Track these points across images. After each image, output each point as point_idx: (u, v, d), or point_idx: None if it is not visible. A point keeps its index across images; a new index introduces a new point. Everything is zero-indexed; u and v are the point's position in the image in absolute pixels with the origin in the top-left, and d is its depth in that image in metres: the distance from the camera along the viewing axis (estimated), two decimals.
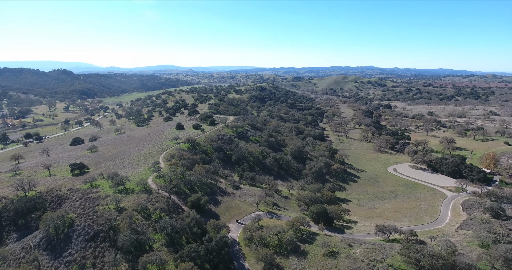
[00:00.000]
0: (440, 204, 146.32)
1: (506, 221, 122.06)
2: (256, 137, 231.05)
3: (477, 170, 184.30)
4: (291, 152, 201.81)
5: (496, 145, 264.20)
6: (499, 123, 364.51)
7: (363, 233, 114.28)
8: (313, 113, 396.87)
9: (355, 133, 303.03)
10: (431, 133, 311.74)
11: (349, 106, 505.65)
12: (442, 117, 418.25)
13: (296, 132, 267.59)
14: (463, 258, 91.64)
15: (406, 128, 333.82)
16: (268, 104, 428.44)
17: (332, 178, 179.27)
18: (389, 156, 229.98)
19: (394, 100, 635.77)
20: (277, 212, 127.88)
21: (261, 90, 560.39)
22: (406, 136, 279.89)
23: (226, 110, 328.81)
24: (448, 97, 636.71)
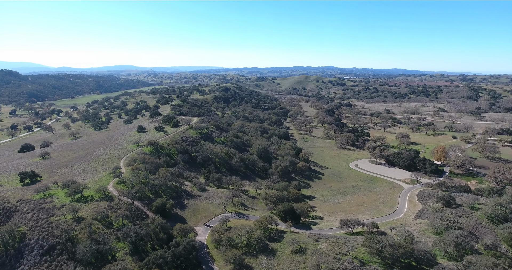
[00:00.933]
0: (398, 196, 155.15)
1: (456, 209, 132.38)
2: (221, 138, 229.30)
3: (430, 162, 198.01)
4: (257, 152, 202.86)
5: (445, 139, 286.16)
6: (447, 118, 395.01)
7: (329, 228, 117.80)
8: (277, 112, 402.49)
9: (318, 131, 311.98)
10: (388, 130, 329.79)
11: (311, 105, 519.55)
12: (397, 114, 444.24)
13: (261, 131, 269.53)
14: (420, 245, 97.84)
15: (365, 125, 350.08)
16: (233, 105, 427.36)
17: (298, 176, 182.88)
18: (351, 153, 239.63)
19: (354, 99, 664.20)
20: (245, 213, 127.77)
21: (225, 91, 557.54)
22: (365, 133, 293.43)
23: (190, 111, 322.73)
24: (402, 95, 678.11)
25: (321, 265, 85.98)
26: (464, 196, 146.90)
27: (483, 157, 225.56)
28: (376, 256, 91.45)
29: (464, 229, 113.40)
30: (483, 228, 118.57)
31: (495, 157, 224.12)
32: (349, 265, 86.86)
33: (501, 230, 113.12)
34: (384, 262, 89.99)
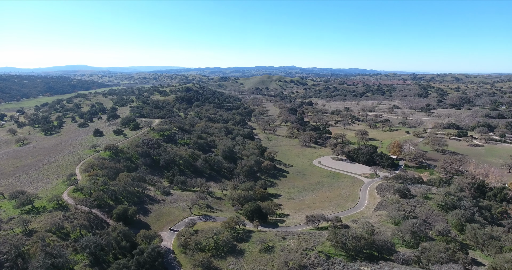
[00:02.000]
0: (359, 190, 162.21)
1: (411, 199, 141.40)
2: (184, 139, 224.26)
3: (387, 157, 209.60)
4: (221, 153, 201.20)
5: (400, 134, 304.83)
6: (401, 115, 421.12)
7: (295, 225, 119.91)
8: (241, 112, 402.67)
9: (282, 130, 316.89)
10: (348, 127, 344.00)
11: (275, 104, 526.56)
12: (356, 112, 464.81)
13: (225, 132, 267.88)
14: (380, 236, 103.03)
15: (326, 123, 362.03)
16: (196, 105, 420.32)
17: (263, 175, 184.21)
18: (314, 150, 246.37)
19: (315, 98, 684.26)
20: (212, 214, 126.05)
21: (187, 91, 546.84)
22: (327, 130, 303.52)
23: (151, 113, 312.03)
24: (360, 93, 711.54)
25: (289, 261, 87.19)
26: (418, 187, 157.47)
27: (433, 150, 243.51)
28: (340, 249, 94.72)
29: (419, 218, 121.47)
30: (435, 215, 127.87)
31: (444, 150, 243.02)
32: (315, 260, 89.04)
33: (450, 217, 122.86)
34: (348, 254, 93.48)
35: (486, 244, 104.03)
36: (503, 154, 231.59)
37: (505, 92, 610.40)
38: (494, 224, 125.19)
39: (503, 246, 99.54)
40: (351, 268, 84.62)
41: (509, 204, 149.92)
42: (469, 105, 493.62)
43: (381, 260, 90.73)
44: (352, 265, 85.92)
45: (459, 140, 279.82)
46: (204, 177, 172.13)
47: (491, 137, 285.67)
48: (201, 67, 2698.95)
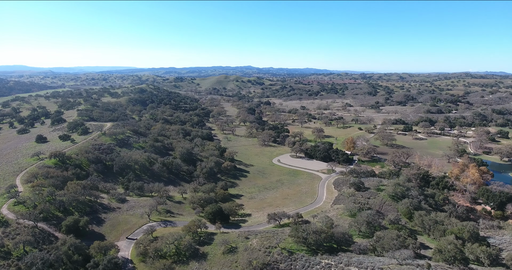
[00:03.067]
0: (317, 186, 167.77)
1: (365, 192, 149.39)
2: (140, 143, 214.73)
3: (342, 153, 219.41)
4: (180, 155, 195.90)
5: (353, 131, 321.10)
6: (353, 112, 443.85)
7: (258, 224, 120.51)
8: (199, 113, 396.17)
9: (241, 130, 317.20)
10: (305, 125, 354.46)
11: (233, 104, 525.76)
12: (311, 110, 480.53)
13: (183, 134, 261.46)
14: (339, 228, 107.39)
15: (284, 122, 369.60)
16: (151, 107, 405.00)
17: (224, 176, 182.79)
18: (273, 149, 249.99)
19: (272, 97, 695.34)
20: (172, 219, 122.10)
21: (141, 92, 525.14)
22: (285, 129, 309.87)
23: (101, 116, 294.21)
24: (315, 92, 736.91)
25: (252, 261, 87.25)
26: (371, 180, 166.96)
27: (383, 145, 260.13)
28: (302, 244, 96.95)
29: (373, 209, 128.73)
30: (387, 206, 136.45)
31: (392, 144, 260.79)
32: (279, 257, 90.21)
33: (400, 206, 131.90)
34: (309, 249, 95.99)
35: (432, 228, 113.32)
36: (443, 146, 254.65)
37: (443, 89, 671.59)
38: (437, 210, 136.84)
39: (446, 230, 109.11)
40: (312, 261, 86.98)
41: (449, 191, 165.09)
42: (412, 102, 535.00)
43: (340, 252, 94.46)
44: (314, 258, 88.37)
45: (405, 135, 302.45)
46: (162, 181, 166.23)
47: (432, 131, 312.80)
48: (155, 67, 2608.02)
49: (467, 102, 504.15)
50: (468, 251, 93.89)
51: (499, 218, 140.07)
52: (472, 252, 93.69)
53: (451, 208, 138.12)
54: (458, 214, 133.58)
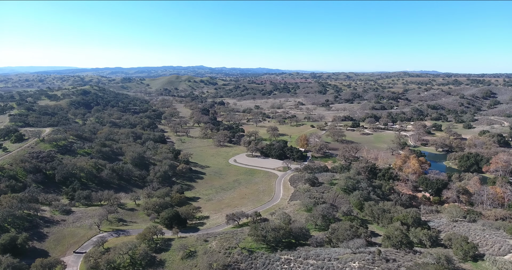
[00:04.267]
0: (274, 184, 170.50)
1: (320, 187, 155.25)
2: (85, 149, 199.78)
3: (296, 150, 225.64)
4: (131, 160, 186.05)
5: (306, 128, 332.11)
6: (306, 111, 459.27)
7: (216, 226, 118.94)
8: (150, 115, 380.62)
9: (195, 131, 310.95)
10: (259, 124, 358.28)
11: (185, 105, 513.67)
12: (265, 109, 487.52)
13: (134, 137, 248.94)
14: (296, 224, 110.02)
15: (239, 122, 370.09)
16: (96, 110, 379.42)
17: (179, 179, 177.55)
18: (229, 149, 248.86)
19: (226, 97, 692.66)
20: (125, 228, 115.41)
21: (84, 94, 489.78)
22: (240, 129, 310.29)
23: (39, 121, 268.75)
24: (268, 92, 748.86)
25: (212, 263, 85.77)
26: (324, 175, 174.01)
27: (334, 141, 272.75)
28: (262, 242, 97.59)
29: (327, 203, 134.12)
30: (340, 198, 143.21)
31: (342, 140, 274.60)
32: (239, 257, 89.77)
33: (352, 198, 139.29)
34: (269, 246, 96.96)
35: (380, 217, 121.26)
36: (387, 140, 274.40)
37: (385, 87, 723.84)
38: (385, 200, 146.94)
39: (393, 217, 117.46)
40: (272, 258, 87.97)
41: (394, 181, 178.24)
42: (359, 99, 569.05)
43: (299, 246, 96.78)
44: (273, 256, 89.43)
45: (354, 130, 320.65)
46: (112, 188, 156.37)
47: (377, 126, 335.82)
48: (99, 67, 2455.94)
49: (406, 99, 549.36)
50: (412, 235, 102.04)
51: (436, 203, 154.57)
52: (415, 236, 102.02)
53: (396, 197, 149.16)
54: (402, 202, 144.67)
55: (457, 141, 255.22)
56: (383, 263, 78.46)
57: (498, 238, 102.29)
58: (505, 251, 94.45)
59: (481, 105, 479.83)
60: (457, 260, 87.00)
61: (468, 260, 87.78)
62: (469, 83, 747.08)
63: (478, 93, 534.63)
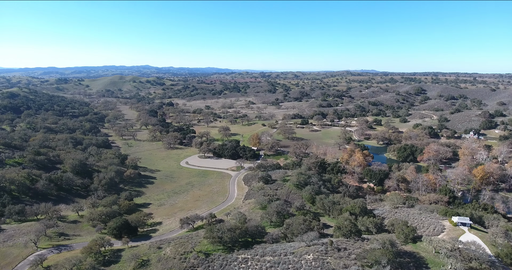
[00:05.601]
0: (228, 184, 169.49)
1: (273, 184, 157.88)
2: (15, 158, 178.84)
3: (249, 149, 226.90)
4: (71, 168, 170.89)
5: (257, 127, 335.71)
6: (256, 110, 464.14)
7: (170, 231, 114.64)
8: (91, 119, 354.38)
9: (143, 134, 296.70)
10: (211, 125, 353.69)
11: (131, 107, 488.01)
12: (216, 109, 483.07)
13: (73, 143, 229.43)
14: (252, 222, 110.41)
15: (190, 123, 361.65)
16: (27, 114, 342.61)
17: (128, 186, 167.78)
18: (180, 151, 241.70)
19: (175, 98, 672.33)
20: (67, 243, 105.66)
21: (12, 97, 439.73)
22: (191, 130, 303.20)
23: None
24: (219, 92, 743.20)
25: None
26: (277, 172, 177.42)
27: (285, 138, 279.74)
28: (218, 244, 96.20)
29: (281, 199, 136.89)
30: (293, 194, 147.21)
31: (293, 137, 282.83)
32: (195, 261, 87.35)
33: (304, 193, 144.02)
34: (226, 247, 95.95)
35: (331, 209, 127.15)
36: (334, 136, 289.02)
37: (330, 86, 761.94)
38: (334, 192, 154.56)
39: (342, 208, 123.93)
40: (229, 259, 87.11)
41: (342, 174, 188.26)
42: (307, 97, 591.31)
43: (255, 244, 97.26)
44: (231, 256, 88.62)
45: (303, 128, 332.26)
46: (50, 200, 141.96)
47: (325, 123, 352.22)
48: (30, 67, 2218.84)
49: (350, 96, 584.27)
50: (360, 224, 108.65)
51: (380, 192, 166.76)
52: (363, 224, 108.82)
53: (344, 189, 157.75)
54: (350, 193, 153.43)
55: (395, 134, 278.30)
56: (335, 253, 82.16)
57: (433, 220, 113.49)
58: (438, 231, 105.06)
59: (414, 101, 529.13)
60: (400, 243, 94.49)
61: (408, 242, 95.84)
62: (403, 81, 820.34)
63: (411, 90, 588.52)
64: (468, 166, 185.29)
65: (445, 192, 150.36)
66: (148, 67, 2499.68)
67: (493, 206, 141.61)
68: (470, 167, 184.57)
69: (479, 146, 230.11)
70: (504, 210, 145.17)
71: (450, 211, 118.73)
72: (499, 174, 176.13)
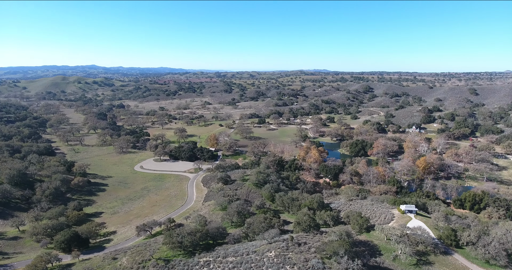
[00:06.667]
0: (187, 187, 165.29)
1: (233, 184, 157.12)
2: None
3: (206, 150, 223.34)
4: (8, 179, 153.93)
5: (214, 128, 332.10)
6: (213, 110, 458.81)
7: (126, 240, 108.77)
8: (31, 124, 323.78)
9: (91, 139, 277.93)
10: (166, 126, 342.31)
11: (77, 110, 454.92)
12: (171, 110, 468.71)
13: (10, 151, 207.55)
14: (213, 224, 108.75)
15: (143, 125, 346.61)
16: None
17: (76, 195, 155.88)
18: (133, 155, 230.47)
19: (126, 99, 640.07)
20: (7, 262, 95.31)
21: None
22: (145, 132, 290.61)
23: None
24: (173, 92, 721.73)
25: None
26: (236, 172, 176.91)
27: (243, 138, 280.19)
28: (178, 249, 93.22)
29: (241, 199, 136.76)
30: (253, 193, 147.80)
31: (251, 136, 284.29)
32: (154, 269, 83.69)
33: (263, 191, 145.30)
34: (186, 251, 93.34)
35: (290, 206, 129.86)
36: (291, 134, 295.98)
37: (285, 85, 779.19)
38: (293, 189, 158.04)
39: (301, 204, 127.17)
40: (191, 263, 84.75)
41: (299, 171, 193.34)
42: (263, 97, 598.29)
43: (217, 246, 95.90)
44: (192, 260, 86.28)
45: (260, 127, 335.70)
46: None
47: (281, 121, 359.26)
48: None
49: (304, 95, 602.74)
50: (318, 218, 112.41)
51: (335, 187, 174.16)
52: (321, 218, 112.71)
53: (302, 185, 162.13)
54: (308, 189, 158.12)
55: (347, 131, 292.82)
56: (296, 248, 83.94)
57: (383, 209, 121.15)
58: (389, 219, 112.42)
59: (363, 99, 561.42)
60: (355, 233, 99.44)
61: (363, 231, 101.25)
62: (352, 80, 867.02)
63: (360, 89, 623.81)
64: (412, 158, 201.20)
65: (393, 183, 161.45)
66: (95, 67, 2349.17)
67: (435, 193, 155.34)
68: (413, 158, 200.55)
69: (421, 139, 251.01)
70: (444, 196, 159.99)
71: (398, 200, 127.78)
72: (439, 164, 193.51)
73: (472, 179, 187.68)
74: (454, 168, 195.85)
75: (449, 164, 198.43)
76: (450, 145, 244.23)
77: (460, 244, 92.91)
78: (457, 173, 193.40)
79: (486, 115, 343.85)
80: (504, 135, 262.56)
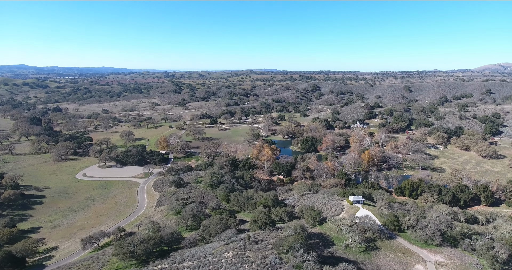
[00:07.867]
0: (136, 193, 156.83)
1: (186, 187, 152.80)
2: None
3: (157, 153, 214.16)
4: None
5: (164, 130, 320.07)
6: (162, 111, 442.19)
7: (70, 255, 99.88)
8: None
9: (23, 146, 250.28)
10: (110, 130, 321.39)
11: (4, 115, 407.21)
12: (116, 113, 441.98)
13: None
14: (167, 229, 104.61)
15: (85, 130, 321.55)
16: None
17: (8, 210, 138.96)
18: (75, 163, 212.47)
19: (63, 102, 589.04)
20: None
21: None
22: (87, 137, 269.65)
23: None
24: (117, 93, 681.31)
25: None
26: (189, 175, 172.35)
27: (195, 139, 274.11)
28: (130, 259, 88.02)
29: (195, 201, 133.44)
30: (208, 195, 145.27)
31: (203, 137, 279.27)
32: None
33: (218, 192, 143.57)
34: (139, 260, 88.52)
35: (246, 205, 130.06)
36: (243, 133, 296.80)
37: (236, 84, 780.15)
38: (247, 188, 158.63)
39: (256, 202, 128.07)
40: None
41: (253, 169, 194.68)
42: (214, 97, 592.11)
43: (172, 252, 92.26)
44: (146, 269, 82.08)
45: (212, 127, 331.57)
46: None
47: (233, 121, 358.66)
48: None
49: (255, 94, 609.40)
50: (274, 215, 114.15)
51: (289, 183, 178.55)
52: (276, 215, 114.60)
53: (256, 184, 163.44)
54: (262, 187, 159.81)
55: (297, 128, 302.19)
56: (254, 246, 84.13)
57: (334, 202, 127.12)
58: (339, 210, 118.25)
59: (311, 97, 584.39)
60: (309, 227, 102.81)
61: (316, 224, 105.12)
62: (301, 79, 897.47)
63: (308, 87, 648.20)
64: (357, 152, 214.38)
65: (341, 176, 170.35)
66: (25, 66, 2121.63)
67: (379, 183, 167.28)
68: (359, 152, 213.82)
69: (364, 134, 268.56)
70: (386, 185, 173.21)
71: (347, 192, 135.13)
72: (381, 156, 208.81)
73: (409, 168, 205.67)
74: (394, 159, 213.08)
75: (389, 155, 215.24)
76: (390, 138, 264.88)
77: (402, 228, 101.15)
78: (397, 164, 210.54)
79: (419, 110, 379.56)
80: (434, 127, 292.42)
